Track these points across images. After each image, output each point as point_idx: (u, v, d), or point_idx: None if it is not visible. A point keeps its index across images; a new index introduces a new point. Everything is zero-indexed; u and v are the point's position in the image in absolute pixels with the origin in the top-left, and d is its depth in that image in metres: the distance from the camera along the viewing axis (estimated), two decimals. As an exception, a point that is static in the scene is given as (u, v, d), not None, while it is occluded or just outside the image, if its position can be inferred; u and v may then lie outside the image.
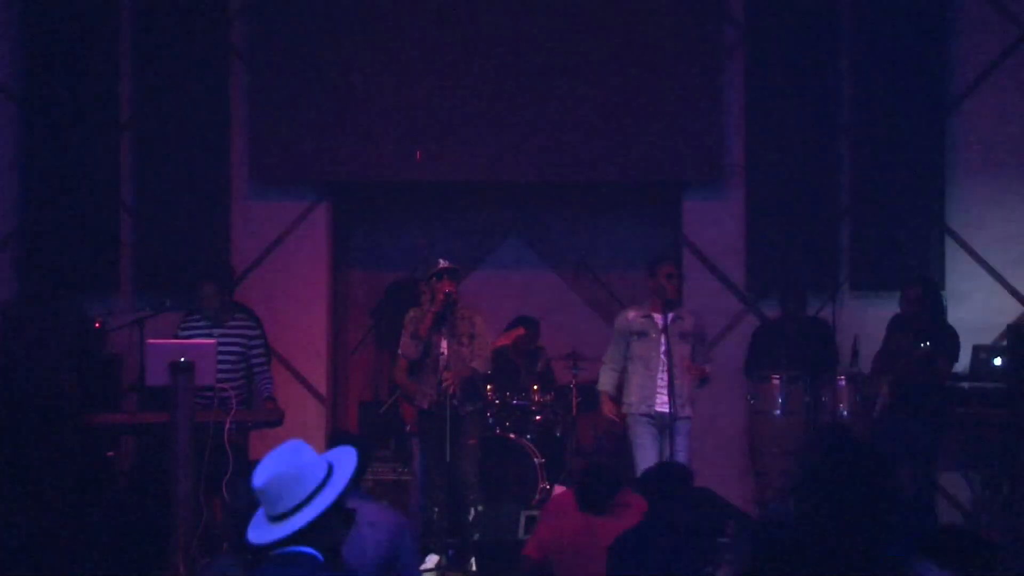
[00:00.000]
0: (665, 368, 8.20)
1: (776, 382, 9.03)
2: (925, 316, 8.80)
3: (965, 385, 9.15)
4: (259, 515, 3.69)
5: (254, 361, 8.48)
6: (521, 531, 8.58)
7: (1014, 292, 9.84)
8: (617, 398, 8.43)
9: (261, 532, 3.63)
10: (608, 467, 6.51)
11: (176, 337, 8.35)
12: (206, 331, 8.31)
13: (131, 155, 10.00)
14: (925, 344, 8.71)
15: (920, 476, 8.69)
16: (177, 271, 9.61)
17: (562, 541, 6.27)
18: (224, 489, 7.59)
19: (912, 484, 8.61)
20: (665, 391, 8.19)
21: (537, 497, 9.01)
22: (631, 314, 8.44)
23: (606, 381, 8.45)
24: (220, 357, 7.93)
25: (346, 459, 3.75)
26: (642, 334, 8.32)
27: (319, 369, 10.12)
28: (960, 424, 9.17)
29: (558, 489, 8.15)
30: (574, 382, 9.66)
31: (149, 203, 9.99)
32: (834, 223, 9.92)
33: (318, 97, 9.87)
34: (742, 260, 10.00)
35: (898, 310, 8.96)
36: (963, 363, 9.36)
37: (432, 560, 8.30)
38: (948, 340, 8.82)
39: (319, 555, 3.61)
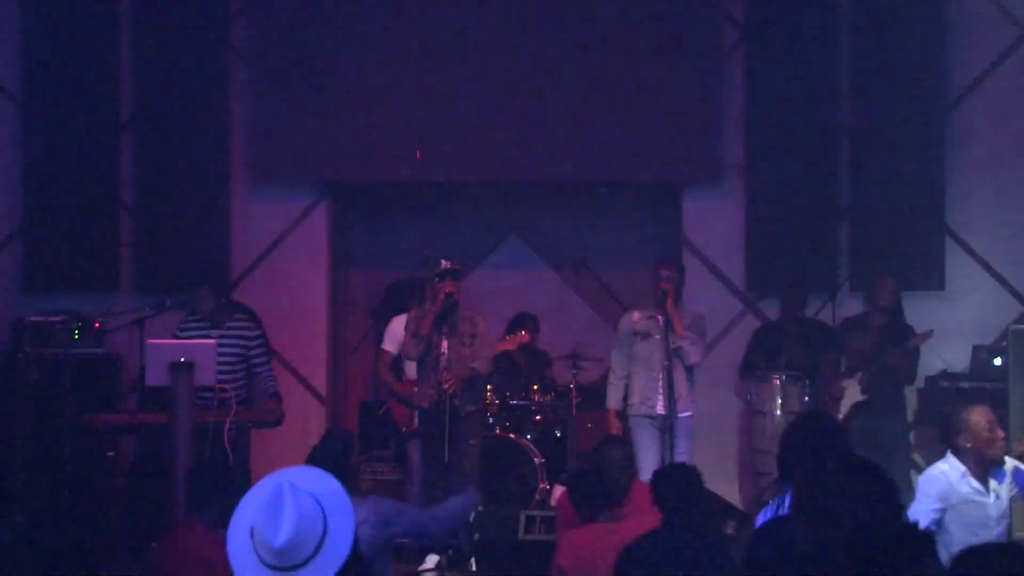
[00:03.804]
0: (665, 369, 8.20)
1: (776, 382, 9.04)
2: (899, 308, 8.94)
3: (965, 385, 9.16)
4: (253, 563, 3.61)
5: (255, 360, 8.47)
6: (521, 531, 8.58)
7: (1014, 292, 9.84)
8: (623, 410, 8.43)
9: None
10: (595, 473, 6.33)
11: (175, 338, 8.34)
12: (204, 332, 8.30)
13: (131, 155, 10.00)
14: (926, 333, 8.81)
15: (896, 474, 8.69)
16: (177, 271, 9.61)
17: (587, 551, 5.89)
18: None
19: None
20: (664, 392, 8.19)
21: (537, 497, 9.01)
22: (635, 315, 8.45)
23: (613, 397, 8.45)
24: (220, 358, 7.93)
25: (332, 495, 3.70)
26: (646, 335, 8.33)
27: (319, 369, 10.12)
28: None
29: (558, 491, 8.08)
30: (574, 382, 9.66)
31: (149, 203, 9.99)
32: (834, 223, 9.93)
33: (318, 97, 9.87)
34: (742, 260, 10.00)
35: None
36: (963, 363, 9.38)
37: (432, 560, 8.30)
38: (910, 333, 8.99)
39: None
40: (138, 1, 9.98)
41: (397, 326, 8.71)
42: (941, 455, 6.31)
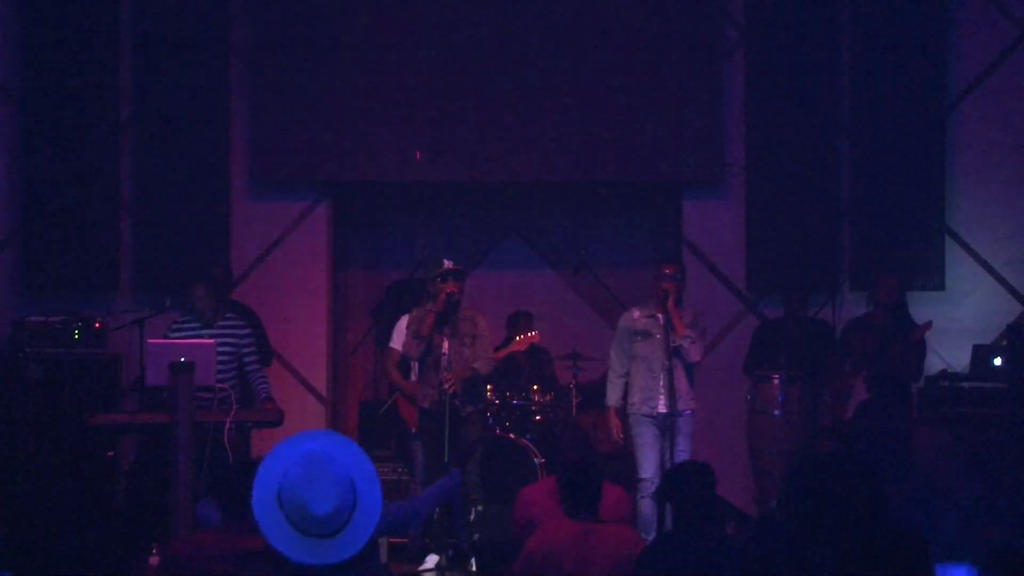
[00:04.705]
0: (666, 369, 8.19)
1: (776, 382, 9.03)
2: (903, 306, 8.94)
3: (965, 385, 9.16)
4: (286, 531, 3.56)
5: (246, 360, 8.41)
6: (521, 531, 8.56)
7: (1014, 292, 9.85)
8: (624, 408, 8.43)
9: (312, 552, 3.53)
10: (589, 464, 6.24)
11: (166, 339, 8.31)
12: (196, 332, 8.29)
13: (131, 155, 10.00)
14: (925, 324, 8.80)
15: (898, 471, 8.70)
16: (177, 271, 9.60)
17: (560, 545, 5.72)
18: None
19: (892, 479, 8.64)
20: (666, 392, 8.19)
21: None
22: (636, 314, 8.43)
23: (613, 395, 8.43)
24: (213, 357, 7.90)
25: (355, 458, 3.68)
26: (646, 334, 8.32)
27: (319, 369, 10.12)
28: (960, 424, 9.19)
29: (530, 491, 7.58)
30: (574, 382, 9.66)
31: (149, 203, 9.99)
32: (834, 223, 9.93)
33: (318, 97, 9.87)
34: (742, 260, 10.01)
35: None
36: (963, 363, 9.37)
37: (432, 560, 8.30)
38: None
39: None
40: (138, 1, 9.98)
41: (405, 324, 8.70)
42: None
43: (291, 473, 3.56)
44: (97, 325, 9.27)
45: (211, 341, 7.99)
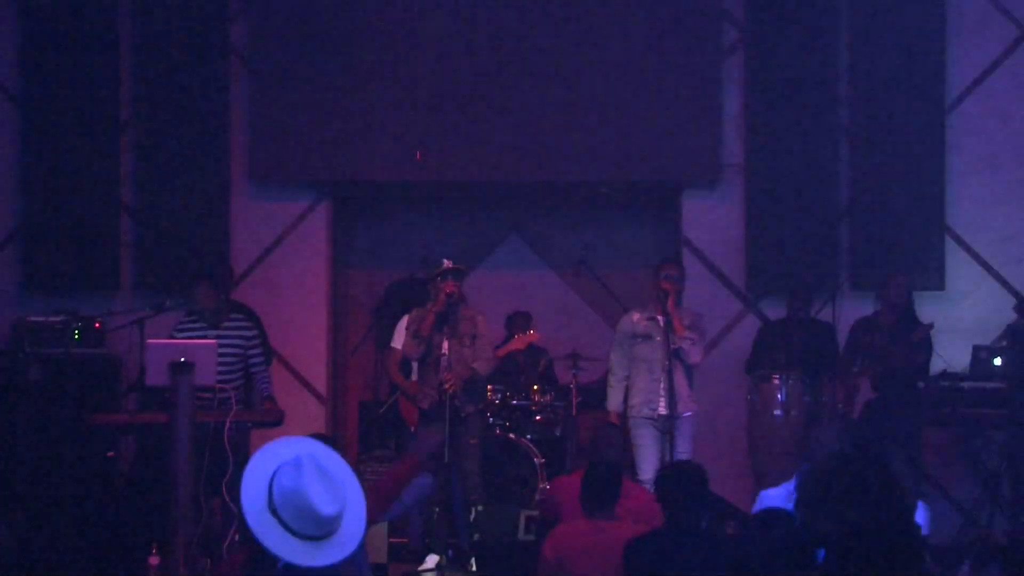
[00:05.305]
0: (666, 370, 8.19)
1: (776, 382, 9.03)
2: (909, 306, 8.93)
3: (965, 385, 9.16)
4: (284, 537, 3.55)
5: (252, 361, 8.45)
6: (521, 531, 8.57)
7: (1014, 292, 9.84)
8: (624, 412, 8.43)
9: (311, 554, 3.55)
10: (609, 465, 6.28)
11: (172, 339, 8.31)
12: (202, 332, 8.29)
13: (131, 155, 10.00)
14: (926, 325, 8.80)
15: (907, 468, 8.69)
16: (177, 271, 9.61)
17: (574, 545, 5.83)
18: (224, 489, 7.59)
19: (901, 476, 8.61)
20: (666, 393, 8.19)
21: (537, 497, 9.00)
22: (635, 316, 8.43)
23: (614, 399, 8.43)
24: (218, 358, 7.91)
25: (333, 458, 3.71)
26: (647, 337, 8.32)
27: (319, 369, 10.12)
28: (960, 424, 9.19)
29: (566, 481, 7.70)
30: (574, 382, 9.65)
31: (149, 203, 9.99)
32: (834, 223, 9.93)
33: (318, 97, 9.87)
34: (742, 260, 10.00)
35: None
36: (963, 363, 9.37)
37: (432, 560, 8.30)
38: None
39: None
40: (138, 2, 9.98)
41: (405, 324, 8.69)
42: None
43: (287, 479, 3.57)
44: (97, 325, 9.27)
45: (212, 341, 7.99)
